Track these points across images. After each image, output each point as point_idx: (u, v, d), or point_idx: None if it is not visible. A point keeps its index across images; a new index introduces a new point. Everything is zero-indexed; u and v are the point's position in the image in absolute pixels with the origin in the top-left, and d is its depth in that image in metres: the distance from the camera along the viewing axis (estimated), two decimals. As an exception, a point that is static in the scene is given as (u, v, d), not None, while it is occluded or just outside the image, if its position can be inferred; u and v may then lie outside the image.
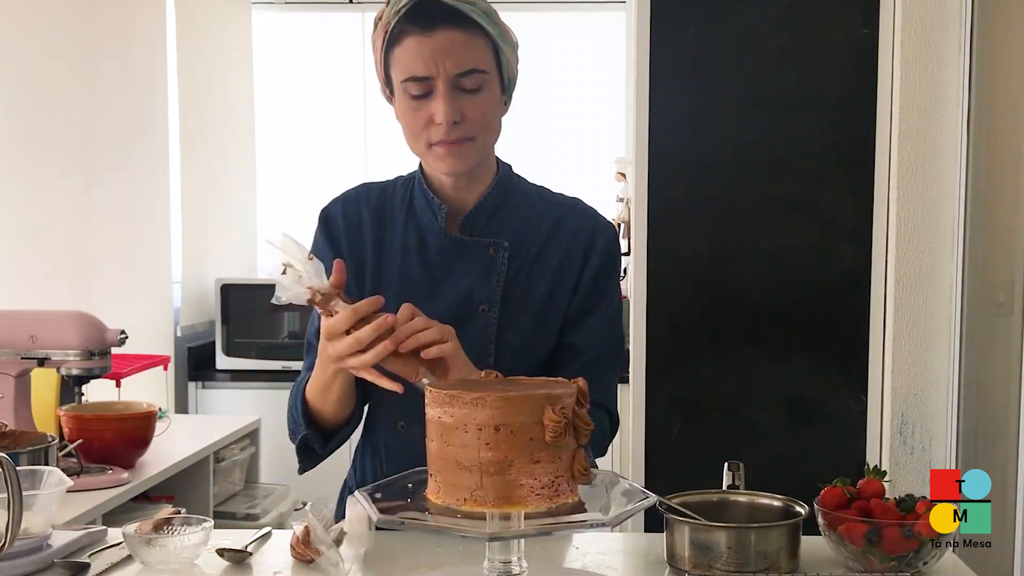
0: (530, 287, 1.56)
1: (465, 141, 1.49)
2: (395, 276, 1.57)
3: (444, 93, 1.45)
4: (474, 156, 1.52)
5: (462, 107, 1.47)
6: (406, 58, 1.46)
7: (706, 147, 2.80)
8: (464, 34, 1.45)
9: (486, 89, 1.49)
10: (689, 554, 1.32)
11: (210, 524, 1.41)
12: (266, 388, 3.98)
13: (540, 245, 1.57)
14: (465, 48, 1.46)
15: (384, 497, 1.24)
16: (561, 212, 1.60)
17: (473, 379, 1.28)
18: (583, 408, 1.19)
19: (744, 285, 2.83)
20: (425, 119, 1.48)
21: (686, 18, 2.77)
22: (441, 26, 1.44)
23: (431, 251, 1.56)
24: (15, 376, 2.26)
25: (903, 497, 1.34)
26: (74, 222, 3.22)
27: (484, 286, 1.54)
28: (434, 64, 1.44)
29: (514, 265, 1.56)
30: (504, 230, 1.57)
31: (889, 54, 2.71)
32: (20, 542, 1.29)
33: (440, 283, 1.55)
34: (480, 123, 1.49)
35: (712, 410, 2.84)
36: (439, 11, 1.45)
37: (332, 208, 1.66)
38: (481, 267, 1.55)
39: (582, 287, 1.57)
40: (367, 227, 1.61)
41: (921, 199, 2.69)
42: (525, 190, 1.63)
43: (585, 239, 1.58)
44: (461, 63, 1.45)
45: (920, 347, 2.71)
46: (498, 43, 1.50)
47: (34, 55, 3.00)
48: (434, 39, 1.44)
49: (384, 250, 1.59)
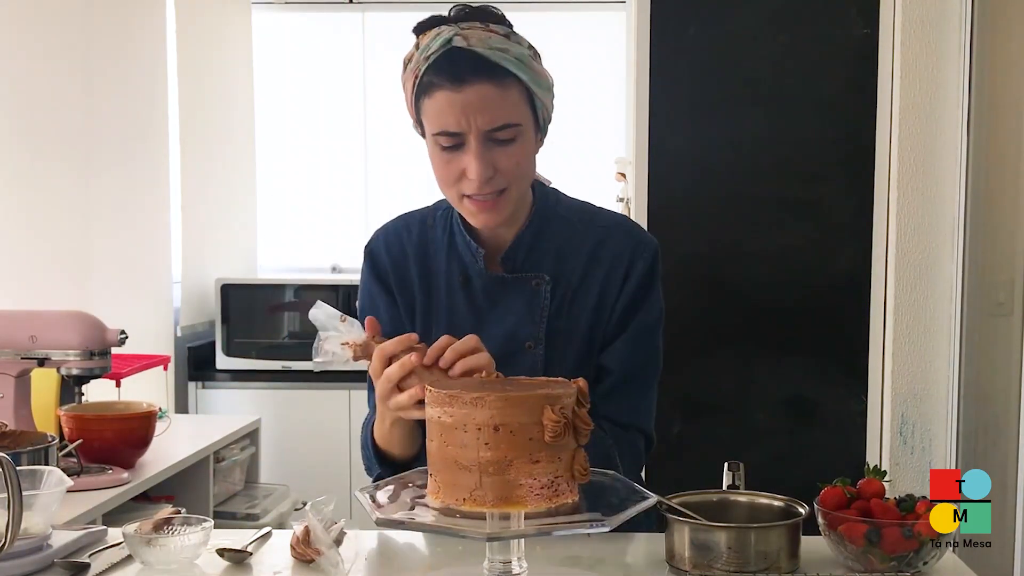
0: (573, 319, 1.53)
1: (498, 194, 1.45)
2: (443, 314, 1.55)
3: (476, 149, 1.40)
4: (507, 208, 1.48)
5: (495, 160, 1.42)
6: (436, 111, 1.41)
7: (706, 147, 2.81)
8: (496, 88, 1.39)
9: (520, 139, 1.43)
10: (689, 554, 1.32)
11: (210, 524, 1.41)
12: (266, 388, 3.98)
13: (581, 274, 1.54)
14: (498, 103, 1.40)
15: (384, 497, 1.24)
16: (602, 235, 1.56)
17: (473, 379, 1.28)
18: (583, 408, 1.19)
19: (744, 285, 2.83)
20: (457, 172, 1.43)
21: (686, 18, 2.78)
22: (472, 80, 1.38)
23: (476, 289, 1.54)
24: (15, 376, 2.26)
25: (903, 497, 1.34)
26: (74, 222, 3.22)
27: (528, 322, 1.52)
28: (465, 120, 1.39)
29: (557, 296, 1.53)
30: (545, 261, 1.54)
31: (889, 54, 2.71)
32: (20, 542, 1.29)
33: (486, 321, 1.53)
34: (514, 174, 1.44)
35: (712, 410, 2.84)
36: (470, 63, 1.39)
37: (376, 245, 1.61)
38: (524, 302, 1.53)
39: (616, 313, 1.54)
40: (412, 263, 1.57)
41: (921, 199, 2.69)
42: (564, 214, 1.57)
43: (624, 265, 1.54)
44: (494, 119, 1.40)
45: (920, 347, 2.71)
46: (532, 89, 1.44)
47: (34, 55, 3.00)
48: (465, 94, 1.38)
49: (430, 287, 1.57)
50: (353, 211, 4.59)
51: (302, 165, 4.68)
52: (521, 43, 1.44)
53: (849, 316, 2.80)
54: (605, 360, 1.55)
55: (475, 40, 1.39)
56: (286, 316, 4.15)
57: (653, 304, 1.56)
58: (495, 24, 1.43)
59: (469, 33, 1.40)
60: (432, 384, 1.22)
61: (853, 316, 2.79)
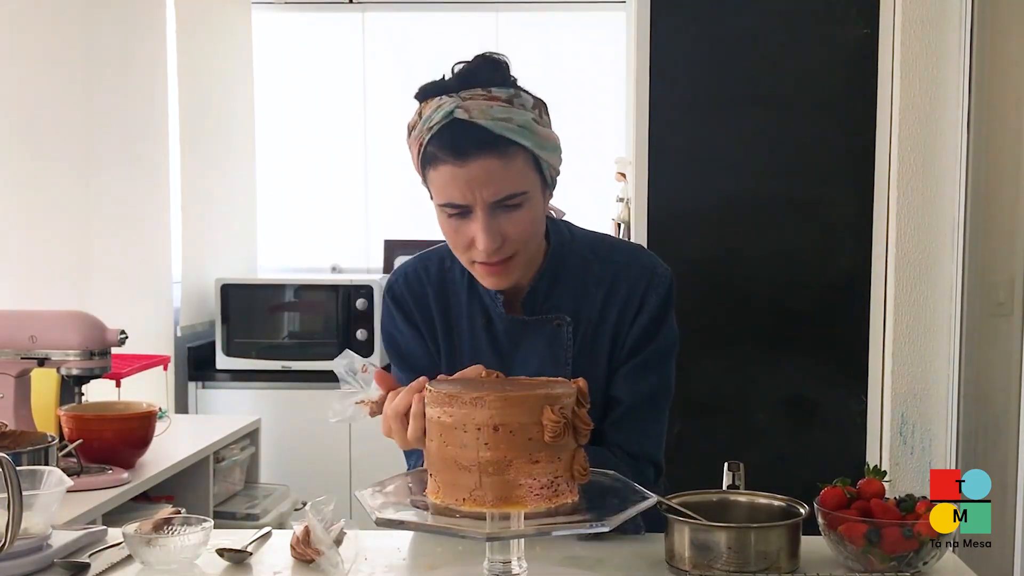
0: (596, 356, 1.54)
1: (508, 260, 1.45)
2: (467, 356, 1.54)
3: (483, 220, 1.40)
4: (517, 270, 1.48)
5: (502, 228, 1.41)
6: (441, 184, 1.40)
7: (706, 147, 2.81)
8: (500, 159, 1.37)
9: (527, 204, 1.42)
10: (689, 554, 1.32)
11: (210, 524, 1.41)
12: (266, 388, 3.98)
13: (599, 313, 1.54)
14: (502, 174, 1.38)
15: (384, 497, 1.24)
16: (616, 271, 1.55)
17: (473, 379, 1.28)
18: (583, 408, 1.19)
19: (744, 285, 2.83)
20: (466, 240, 1.43)
21: (686, 18, 2.78)
22: (476, 154, 1.36)
23: (498, 331, 1.54)
24: (15, 376, 2.25)
25: (903, 497, 1.34)
26: (74, 222, 3.21)
27: (552, 363, 1.51)
28: (471, 193, 1.38)
29: (579, 336, 1.53)
30: (564, 302, 1.54)
31: (889, 54, 2.71)
32: (20, 542, 1.29)
33: (511, 364, 1.52)
34: (522, 240, 1.44)
35: (712, 410, 2.84)
36: (473, 136, 1.36)
37: (397, 288, 1.60)
38: (546, 344, 1.53)
39: (627, 344, 1.54)
40: (433, 305, 1.57)
41: (921, 199, 2.69)
42: (580, 252, 1.56)
43: (638, 298, 1.54)
44: (499, 190, 1.39)
45: (920, 347, 2.71)
46: (538, 154, 1.42)
47: (35, 55, 3.00)
48: (469, 169, 1.37)
49: (452, 330, 1.57)
50: (353, 211, 4.59)
51: (302, 165, 4.67)
52: (526, 104, 1.41)
53: (849, 316, 2.80)
54: (615, 389, 1.55)
55: (477, 112, 1.36)
56: (286, 316, 4.15)
57: (665, 334, 1.56)
58: (498, 87, 1.39)
59: (471, 104, 1.37)
60: (432, 385, 1.22)
61: (853, 316, 2.79)
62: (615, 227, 3.32)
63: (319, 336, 4.05)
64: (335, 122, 4.65)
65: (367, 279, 4.01)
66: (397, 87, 4.47)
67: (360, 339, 3.92)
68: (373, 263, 4.59)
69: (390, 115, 4.44)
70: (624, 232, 3.85)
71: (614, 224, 3.35)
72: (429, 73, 1.45)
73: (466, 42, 4.57)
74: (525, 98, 1.42)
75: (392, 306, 1.60)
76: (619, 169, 3.98)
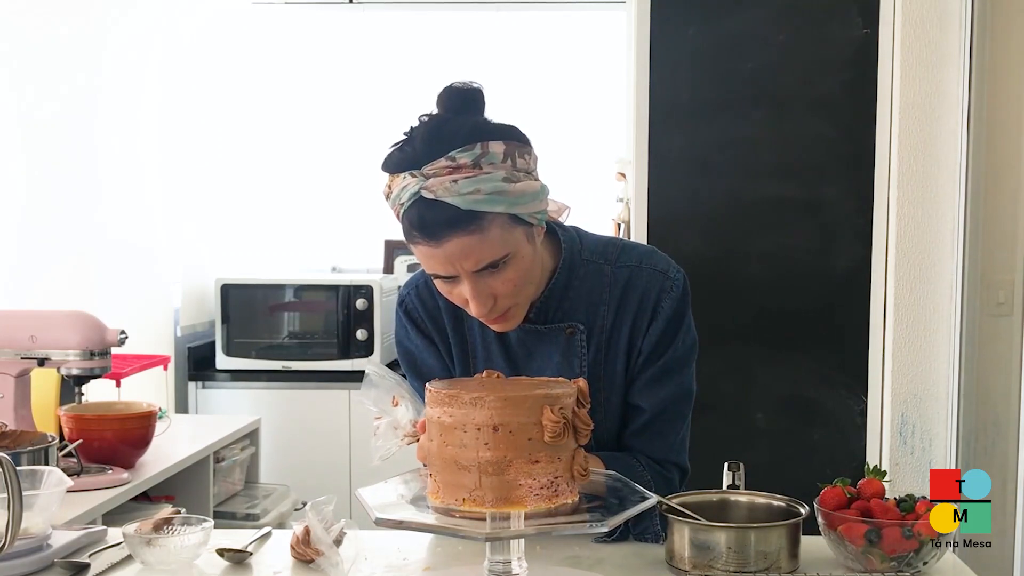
0: (610, 367, 1.52)
1: (505, 311, 1.44)
2: (480, 368, 1.53)
3: (470, 287, 1.39)
4: (520, 314, 1.47)
5: (492, 288, 1.40)
6: (423, 258, 1.39)
7: (706, 147, 2.80)
8: (475, 235, 1.34)
9: (513, 262, 1.39)
10: (689, 554, 1.32)
11: (210, 524, 1.41)
12: (266, 388, 3.98)
13: (612, 319, 1.52)
14: (480, 247, 1.35)
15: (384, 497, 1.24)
16: (628, 276, 1.53)
17: (473, 379, 1.28)
18: (583, 408, 1.19)
19: (744, 285, 2.83)
20: (460, 300, 1.43)
21: (686, 18, 2.77)
22: (448, 234, 1.33)
23: (511, 341, 1.54)
24: (15, 376, 2.26)
25: (903, 497, 1.34)
26: (75, 222, 3.22)
27: (568, 373, 1.49)
28: (452, 266, 1.37)
29: (592, 344, 1.52)
30: (576, 309, 1.52)
31: (889, 54, 2.71)
32: (20, 542, 1.29)
33: (525, 374, 1.52)
34: (513, 293, 1.42)
35: (712, 410, 2.84)
36: (442, 217, 1.32)
37: (409, 301, 1.60)
38: (561, 353, 1.52)
39: (643, 352, 1.52)
40: (445, 317, 1.57)
41: (921, 199, 2.69)
42: (590, 258, 1.54)
43: (651, 305, 1.52)
44: (479, 261, 1.36)
45: (920, 347, 2.71)
46: (515, 213, 1.36)
47: (34, 55, 3.00)
48: (444, 248, 1.34)
49: (465, 341, 1.56)
50: (353, 211, 4.58)
51: (302, 165, 4.68)
52: (495, 160, 1.33)
53: (849, 316, 2.80)
54: (634, 398, 1.54)
55: (442, 191, 1.31)
56: (286, 316, 4.15)
57: (683, 339, 1.55)
58: (463, 149, 1.32)
59: (434, 183, 1.31)
60: (432, 385, 1.23)
61: (853, 316, 2.79)
62: (615, 227, 3.32)
63: (319, 336, 4.05)
64: (335, 121, 4.65)
65: (367, 279, 4.01)
66: (397, 86, 4.47)
67: (360, 339, 3.92)
68: (373, 263, 4.59)
69: (391, 115, 4.43)
70: (624, 232, 3.86)
71: (614, 224, 3.35)
72: (430, 73, 1.44)
73: (466, 41, 4.57)
74: (494, 152, 1.33)
75: (405, 320, 1.60)
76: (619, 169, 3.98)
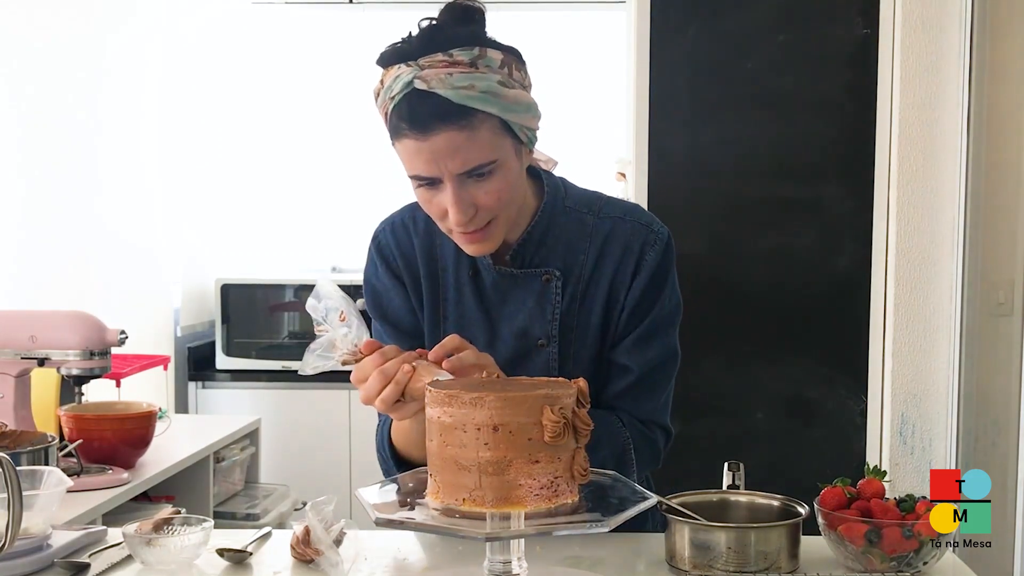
0: (584, 315, 1.49)
1: (486, 226, 1.39)
2: (451, 310, 1.51)
3: (452, 193, 1.34)
4: (498, 235, 1.42)
5: (474, 197, 1.36)
6: (407, 157, 1.36)
7: (706, 147, 2.81)
8: (464, 131, 1.31)
9: (499, 172, 1.36)
10: (689, 554, 1.32)
11: (210, 524, 1.41)
12: (266, 388, 3.98)
13: (591, 268, 1.49)
14: (467, 146, 1.32)
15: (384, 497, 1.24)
16: (611, 227, 1.50)
17: (473, 379, 1.28)
18: (583, 408, 1.19)
19: (744, 285, 2.83)
20: (440, 210, 1.38)
21: (686, 18, 2.78)
22: (438, 127, 1.30)
23: (485, 284, 1.50)
24: (15, 376, 2.25)
25: (903, 497, 1.34)
26: (74, 222, 3.22)
27: (540, 319, 1.48)
28: (436, 166, 1.33)
29: (568, 292, 1.48)
30: (554, 256, 1.49)
31: (889, 54, 2.71)
32: (20, 542, 1.29)
33: (497, 319, 1.50)
34: (496, 207, 1.38)
35: (712, 410, 2.84)
36: (433, 108, 1.30)
37: (383, 236, 1.57)
38: (535, 299, 1.49)
39: (627, 308, 1.49)
40: (419, 255, 1.53)
41: (921, 199, 2.69)
42: (573, 206, 1.51)
43: (635, 258, 1.49)
44: (465, 162, 1.33)
45: (920, 347, 2.71)
46: (506, 118, 1.34)
47: (35, 54, 3.00)
48: (432, 142, 1.31)
49: (437, 281, 1.53)
50: (353, 211, 4.58)
51: (302, 165, 4.68)
52: (492, 64, 1.33)
53: (849, 316, 2.80)
54: (621, 358, 1.51)
55: (436, 82, 1.30)
56: (286, 316, 4.16)
57: (668, 297, 1.52)
58: (462, 48, 1.32)
59: (429, 74, 1.31)
60: (432, 384, 1.22)
61: (853, 316, 2.79)
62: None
63: (319, 336, 4.04)
64: (335, 121, 4.65)
65: (367, 279, 4.01)
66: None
67: (360, 339, 3.92)
68: (373, 263, 4.59)
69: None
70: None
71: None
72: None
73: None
74: (491, 57, 1.33)
75: (376, 257, 1.57)
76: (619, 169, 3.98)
